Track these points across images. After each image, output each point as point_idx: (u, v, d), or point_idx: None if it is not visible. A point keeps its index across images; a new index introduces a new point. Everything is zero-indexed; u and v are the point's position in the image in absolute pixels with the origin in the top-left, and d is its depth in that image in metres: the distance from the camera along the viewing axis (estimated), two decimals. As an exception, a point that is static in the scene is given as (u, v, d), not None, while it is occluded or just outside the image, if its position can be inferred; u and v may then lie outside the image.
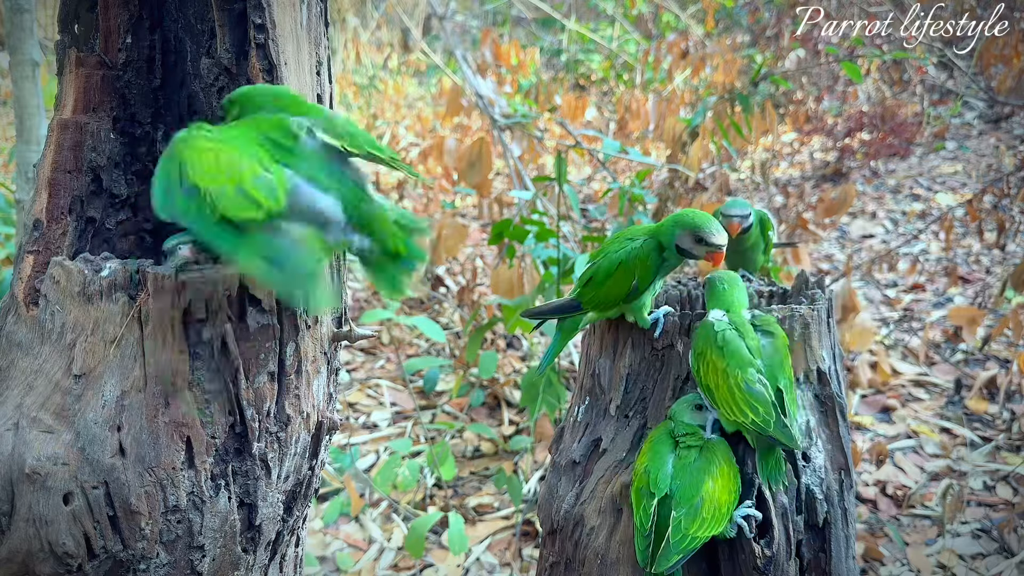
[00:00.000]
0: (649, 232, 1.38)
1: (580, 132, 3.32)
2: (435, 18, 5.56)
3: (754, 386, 1.21)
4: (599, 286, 1.38)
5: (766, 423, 1.20)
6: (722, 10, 7.58)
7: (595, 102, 7.82)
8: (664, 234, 1.35)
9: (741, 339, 1.25)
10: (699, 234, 1.29)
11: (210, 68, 1.34)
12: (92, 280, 1.18)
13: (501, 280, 3.01)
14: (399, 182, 5.59)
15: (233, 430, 1.25)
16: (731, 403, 1.22)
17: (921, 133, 6.21)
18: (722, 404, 1.23)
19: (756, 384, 1.21)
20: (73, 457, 1.15)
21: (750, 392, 1.21)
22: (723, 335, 1.25)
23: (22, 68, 2.13)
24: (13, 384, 1.20)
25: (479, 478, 2.98)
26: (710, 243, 1.29)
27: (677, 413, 1.33)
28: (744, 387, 1.21)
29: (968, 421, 3.20)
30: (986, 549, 2.50)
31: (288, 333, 1.30)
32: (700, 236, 1.29)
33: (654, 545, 1.25)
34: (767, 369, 1.24)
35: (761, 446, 1.28)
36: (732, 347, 1.24)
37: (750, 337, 1.26)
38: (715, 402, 1.25)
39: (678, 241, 1.32)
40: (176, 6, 1.41)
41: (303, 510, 1.46)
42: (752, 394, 1.20)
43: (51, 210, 1.32)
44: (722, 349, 1.24)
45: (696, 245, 1.31)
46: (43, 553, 1.15)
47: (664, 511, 1.25)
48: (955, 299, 4.22)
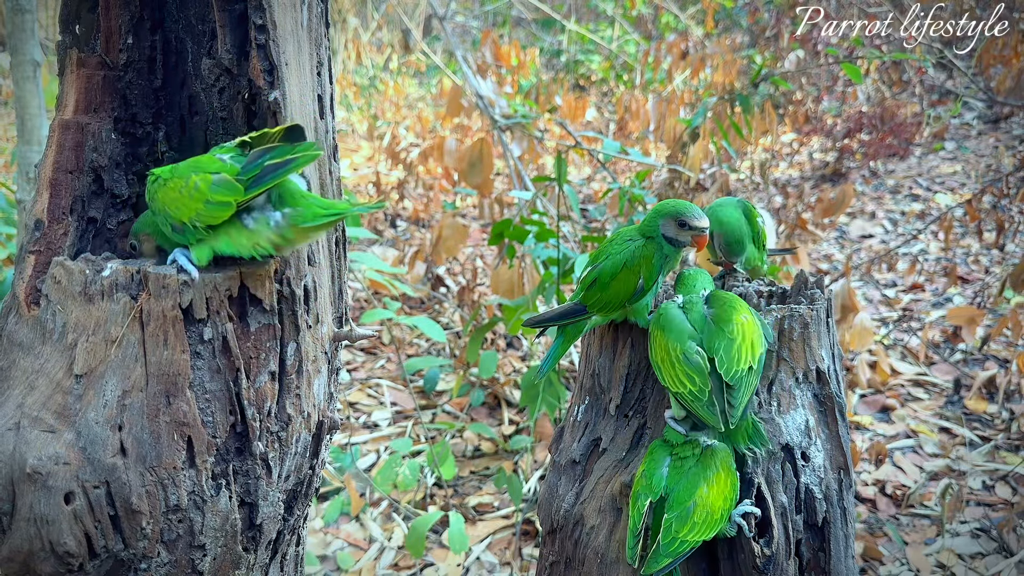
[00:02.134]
0: (637, 231, 1.40)
1: (580, 132, 3.33)
2: (435, 19, 5.57)
3: (691, 356, 1.24)
4: (604, 288, 1.38)
5: (701, 392, 1.22)
6: (722, 11, 7.58)
7: (595, 103, 7.82)
8: (649, 228, 1.38)
9: (685, 315, 1.30)
10: (681, 219, 1.34)
11: (211, 69, 1.34)
12: (93, 280, 1.18)
13: (501, 280, 3.01)
14: (399, 182, 5.59)
15: (234, 429, 1.25)
16: (673, 375, 1.25)
17: (920, 133, 6.21)
18: (667, 378, 1.26)
19: (694, 355, 1.24)
20: (74, 457, 1.15)
21: (687, 362, 1.24)
22: (666, 312, 1.31)
23: (23, 68, 2.13)
24: (14, 384, 1.20)
25: (479, 478, 2.98)
26: (693, 226, 1.33)
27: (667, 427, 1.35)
28: (682, 359, 1.25)
29: (967, 421, 3.21)
30: (985, 548, 2.50)
31: (289, 333, 1.30)
32: (682, 221, 1.34)
33: (646, 546, 1.27)
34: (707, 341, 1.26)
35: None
36: (673, 323, 1.29)
37: (695, 313, 1.30)
38: (662, 378, 1.28)
39: (663, 230, 1.36)
40: (177, 7, 1.42)
41: (304, 509, 1.46)
42: (689, 364, 1.24)
43: (52, 210, 1.32)
44: (664, 326, 1.29)
45: (680, 231, 1.35)
46: (44, 552, 1.15)
47: (660, 513, 1.26)
48: (954, 299, 4.22)
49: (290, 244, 1.22)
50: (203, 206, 1.18)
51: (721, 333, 1.26)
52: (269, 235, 1.20)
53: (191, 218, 1.19)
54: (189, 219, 1.19)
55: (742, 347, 1.25)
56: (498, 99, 3.78)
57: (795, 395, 1.39)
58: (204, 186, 1.19)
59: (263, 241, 1.20)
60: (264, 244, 1.20)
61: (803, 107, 6.43)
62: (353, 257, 2.53)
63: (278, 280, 1.28)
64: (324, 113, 1.44)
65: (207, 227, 1.19)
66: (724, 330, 1.26)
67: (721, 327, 1.27)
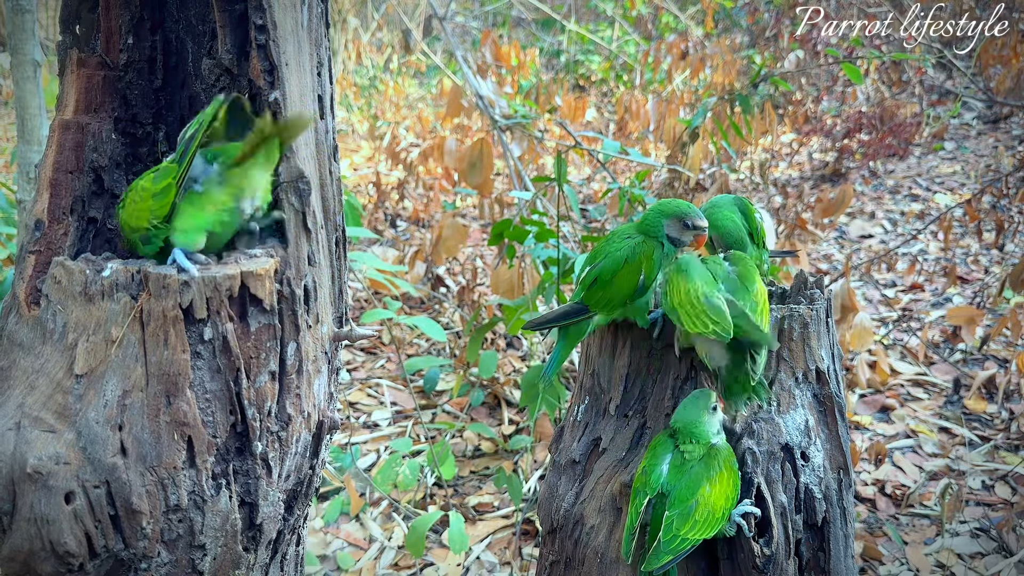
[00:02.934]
0: (635, 229, 1.41)
1: (580, 133, 3.33)
2: (435, 19, 5.57)
3: (713, 299, 1.29)
4: (606, 286, 1.39)
5: (726, 331, 1.26)
6: (721, 11, 7.59)
7: (595, 103, 7.82)
8: (651, 226, 1.41)
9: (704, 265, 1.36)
10: (686, 220, 1.39)
11: (211, 69, 1.34)
12: (94, 280, 1.18)
13: (501, 280, 3.02)
14: (399, 182, 5.59)
15: (234, 429, 1.25)
16: (693, 317, 1.29)
17: (920, 133, 6.21)
18: (686, 320, 1.30)
19: (715, 298, 1.29)
20: (75, 456, 1.15)
21: (709, 305, 1.28)
22: (686, 260, 1.37)
23: (24, 69, 2.13)
24: (15, 384, 1.20)
25: (479, 477, 2.98)
26: (697, 226, 1.39)
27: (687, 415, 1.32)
28: (704, 301, 1.29)
29: (967, 421, 3.21)
30: (985, 548, 2.50)
31: (289, 333, 1.30)
32: (687, 222, 1.39)
33: (647, 543, 1.27)
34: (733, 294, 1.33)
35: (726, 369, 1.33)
36: (694, 269, 1.34)
37: (719, 268, 1.37)
38: (679, 320, 1.31)
39: (667, 230, 1.40)
40: (177, 7, 1.42)
41: (304, 509, 1.46)
42: (711, 306, 1.28)
43: (53, 210, 1.32)
44: (685, 270, 1.34)
45: (684, 231, 1.40)
46: (45, 552, 1.15)
47: (660, 511, 1.26)
48: (954, 299, 4.22)
49: (243, 189, 1.28)
50: (152, 200, 1.24)
51: (747, 292, 1.32)
52: (219, 190, 1.26)
53: (149, 219, 1.24)
54: (148, 221, 1.24)
55: (765, 312, 1.31)
56: (498, 99, 3.78)
57: (795, 395, 1.39)
58: (147, 183, 1.26)
59: (219, 197, 1.26)
60: (222, 199, 1.26)
61: (803, 107, 6.43)
62: (353, 257, 2.53)
63: (278, 280, 1.28)
64: (324, 113, 1.44)
65: (165, 219, 1.24)
66: (750, 290, 1.32)
67: (747, 286, 1.33)
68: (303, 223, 1.33)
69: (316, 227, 1.37)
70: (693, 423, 1.30)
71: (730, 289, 1.33)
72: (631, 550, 1.27)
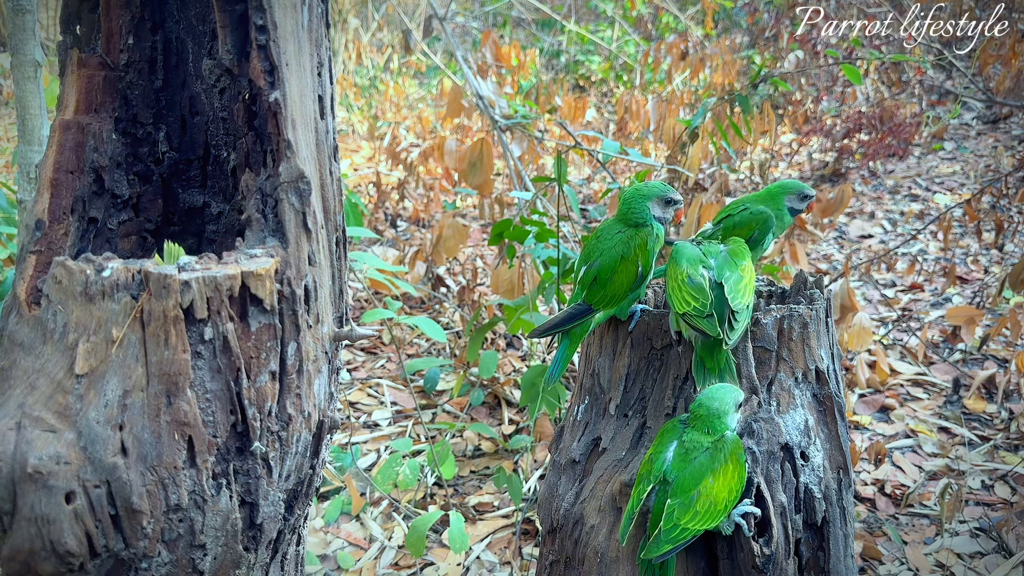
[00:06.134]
0: (620, 223, 1.45)
1: (580, 133, 3.33)
2: (435, 19, 5.57)
3: (695, 278, 1.36)
4: (606, 283, 1.41)
5: (703, 307, 1.33)
6: (721, 11, 7.59)
7: (595, 103, 7.82)
8: (638, 215, 1.46)
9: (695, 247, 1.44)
10: (667, 196, 1.47)
11: (211, 69, 1.34)
12: (94, 280, 1.18)
13: (501, 280, 3.02)
14: (400, 182, 5.59)
15: (235, 429, 1.26)
16: (679, 297, 1.36)
17: (919, 133, 6.22)
18: (675, 303, 1.37)
19: (697, 277, 1.36)
20: (75, 456, 1.16)
21: (690, 283, 1.35)
22: (680, 247, 1.45)
23: (24, 69, 2.13)
24: (15, 384, 1.20)
25: (479, 477, 2.98)
26: (676, 200, 1.48)
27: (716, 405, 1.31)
28: (687, 281, 1.36)
29: (966, 420, 3.21)
30: (984, 548, 2.50)
31: (289, 333, 1.30)
32: (668, 198, 1.47)
33: (648, 531, 1.27)
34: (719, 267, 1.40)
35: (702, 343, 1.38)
36: (684, 254, 1.42)
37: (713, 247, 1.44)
38: (673, 303, 1.37)
39: (652, 211, 1.46)
40: (177, 7, 1.42)
41: (304, 509, 1.46)
42: (692, 285, 1.35)
43: (53, 210, 1.32)
44: (676, 258, 1.42)
45: (666, 208, 1.48)
46: (45, 552, 1.15)
47: (663, 498, 1.26)
48: (953, 299, 4.23)
49: None
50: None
51: (733, 265, 1.39)
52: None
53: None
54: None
55: (749, 286, 1.37)
56: (498, 99, 3.78)
57: (794, 395, 1.39)
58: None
59: None
60: None
61: (802, 107, 6.44)
62: (353, 257, 2.53)
63: (279, 280, 1.28)
64: (324, 113, 1.44)
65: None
66: (736, 264, 1.39)
67: (735, 260, 1.40)
68: (303, 223, 1.34)
69: (316, 227, 1.37)
70: (719, 414, 1.29)
71: (720, 264, 1.40)
72: (628, 533, 1.28)
